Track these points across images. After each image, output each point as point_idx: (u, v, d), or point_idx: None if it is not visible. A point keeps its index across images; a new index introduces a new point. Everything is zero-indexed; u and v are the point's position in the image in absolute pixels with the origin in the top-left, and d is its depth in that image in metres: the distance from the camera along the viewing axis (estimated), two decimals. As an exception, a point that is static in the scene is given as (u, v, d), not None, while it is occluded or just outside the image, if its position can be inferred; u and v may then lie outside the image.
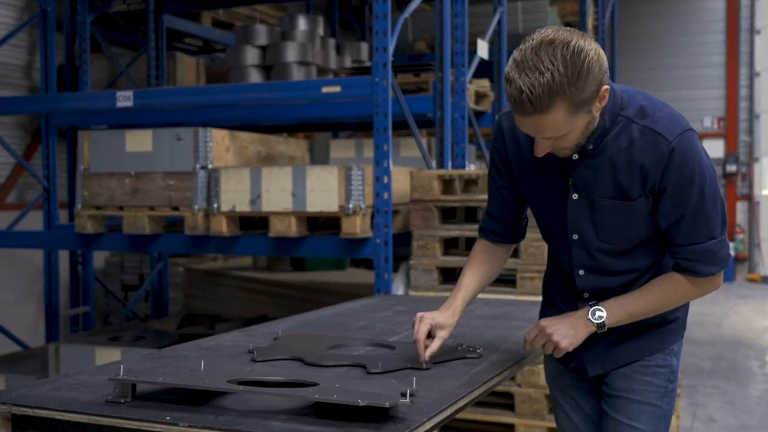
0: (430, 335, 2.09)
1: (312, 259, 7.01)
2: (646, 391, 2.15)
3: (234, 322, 5.54)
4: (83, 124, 5.56)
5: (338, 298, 6.05)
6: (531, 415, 4.10)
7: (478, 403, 3.46)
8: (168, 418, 1.59)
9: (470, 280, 2.21)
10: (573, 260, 2.10)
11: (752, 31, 13.13)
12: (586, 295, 2.13)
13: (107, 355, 4.49)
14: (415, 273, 4.24)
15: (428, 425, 1.60)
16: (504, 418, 4.16)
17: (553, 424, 4.08)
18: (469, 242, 4.72)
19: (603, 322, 2.03)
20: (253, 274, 6.76)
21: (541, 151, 1.91)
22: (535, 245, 4.07)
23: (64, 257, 6.42)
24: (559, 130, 1.84)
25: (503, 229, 2.25)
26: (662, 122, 1.92)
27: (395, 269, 4.31)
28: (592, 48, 1.79)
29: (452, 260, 4.26)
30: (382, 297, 3.75)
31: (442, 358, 2.13)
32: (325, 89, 4.19)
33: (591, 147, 1.95)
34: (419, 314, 2.10)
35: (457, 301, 2.16)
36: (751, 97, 13.63)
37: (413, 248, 4.24)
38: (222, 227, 4.25)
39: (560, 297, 2.22)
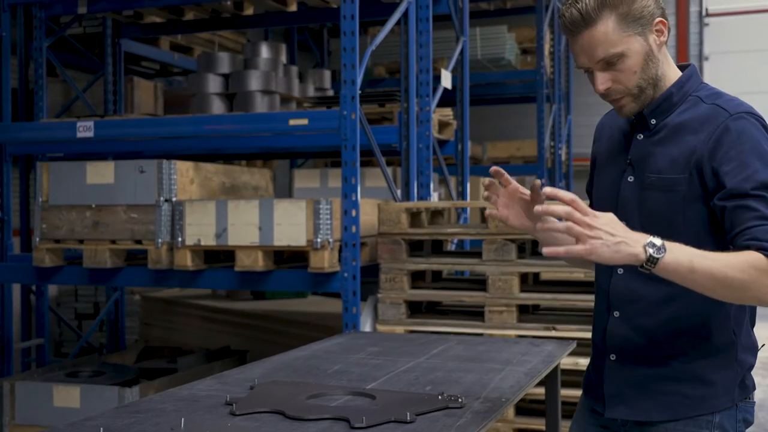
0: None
1: (273, 287, 6.93)
2: None
3: (195, 355, 5.43)
4: (39, 152, 5.42)
5: (301, 327, 5.99)
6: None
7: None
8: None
9: None
10: None
11: (701, 57, 13.46)
12: (614, 305, 1.95)
13: (65, 393, 4.36)
14: (383, 306, 4.21)
15: (421, 489, 1.57)
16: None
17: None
18: (436, 275, 4.70)
19: (657, 257, 1.62)
20: (213, 303, 6.64)
21: (600, 83, 1.88)
22: (503, 278, 4.07)
23: (16, 286, 6.22)
24: (611, 45, 1.82)
25: None
26: (730, 102, 1.86)
27: (362, 299, 4.27)
28: None
29: (420, 293, 4.24)
30: (352, 335, 3.70)
31: (425, 408, 2.10)
32: (293, 122, 4.15)
33: (654, 122, 1.92)
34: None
35: None
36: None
37: (381, 282, 4.21)
38: (186, 261, 4.17)
39: (597, 313, 2.04)
